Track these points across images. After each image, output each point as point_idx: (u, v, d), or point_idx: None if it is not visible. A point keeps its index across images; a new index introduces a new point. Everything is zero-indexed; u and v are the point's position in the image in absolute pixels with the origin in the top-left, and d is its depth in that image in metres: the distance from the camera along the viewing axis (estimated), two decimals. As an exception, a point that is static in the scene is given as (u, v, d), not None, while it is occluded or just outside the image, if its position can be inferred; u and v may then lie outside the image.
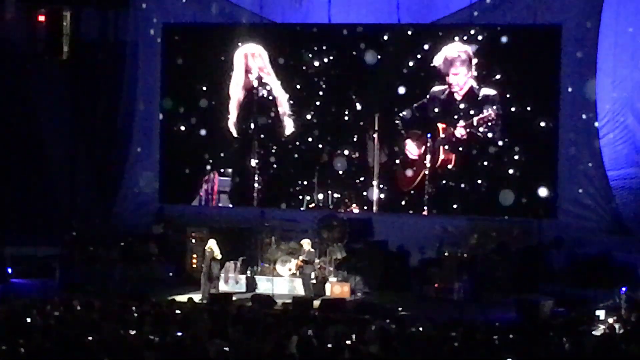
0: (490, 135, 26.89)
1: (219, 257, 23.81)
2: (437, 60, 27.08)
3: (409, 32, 27.40)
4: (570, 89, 26.45)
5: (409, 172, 27.65)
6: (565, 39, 26.28)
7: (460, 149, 27.16)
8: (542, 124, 26.61)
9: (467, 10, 26.89)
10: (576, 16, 26.19)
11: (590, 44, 26.14)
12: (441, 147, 27.25)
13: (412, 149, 27.59)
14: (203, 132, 28.85)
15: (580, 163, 26.51)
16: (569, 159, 26.59)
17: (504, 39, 26.78)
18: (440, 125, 27.28)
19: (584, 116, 26.42)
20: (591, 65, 26.19)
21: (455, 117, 27.12)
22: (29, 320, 16.14)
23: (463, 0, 26.82)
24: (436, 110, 27.30)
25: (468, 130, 27.00)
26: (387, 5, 27.39)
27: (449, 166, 27.29)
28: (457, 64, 27.02)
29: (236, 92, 28.62)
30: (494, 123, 26.82)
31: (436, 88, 27.34)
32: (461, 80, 27.03)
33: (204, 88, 28.84)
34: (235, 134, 28.68)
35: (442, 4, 27.14)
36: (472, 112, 26.93)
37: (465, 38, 26.97)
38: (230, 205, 28.95)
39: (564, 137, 26.59)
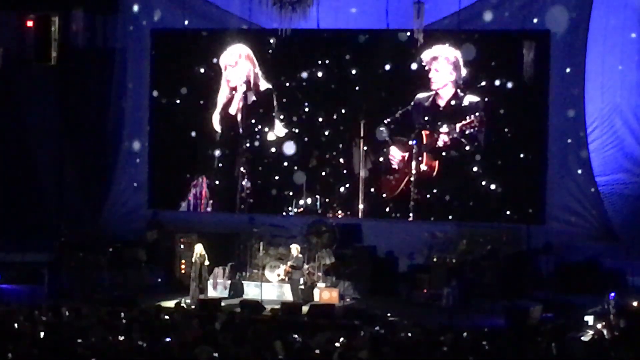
0: (474, 141, 26.90)
1: (207, 263, 23.85)
2: (425, 57, 27.12)
3: (397, 38, 27.37)
4: (558, 95, 26.49)
5: (393, 179, 27.67)
6: (554, 44, 26.32)
7: (444, 155, 27.17)
8: (530, 129, 26.66)
9: (456, 17, 26.88)
10: (565, 22, 26.23)
11: (579, 49, 26.18)
12: (425, 154, 27.27)
13: (396, 156, 27.60)
14: (192, 135, 28.84)
15: (569, 169, 26.54)
16: (557, 165, 26.61)
17: (490, 45, 26.84)
18: (424, 132, 27.32)
19: (572, 122, 26.46)
20: (580, 71, 26.24)
21: (439, 123, 27.16)
22: (16, 326, 16.11)
23: (452, 6, 26.79)
24: (420, 117, 27.32)
25: (451, 136, 27.02)
26: (375, 11, 27.36)
27: (433, 173, 27.28)
28: (442, 62, 27.04)
29: (223, 94, 28.59)
30: (478, 129, 26.84)
31: (421, 95, 27.36)
32: (442, 79, 27.05)
33: (193, 92, 28.79)
34: (218, 136, 28.65)
35: (431, 10, 27.07)
36: (455, 118, 26.96)
37: (452, 43, 27.01)
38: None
39: (552, 143, 26.61)
